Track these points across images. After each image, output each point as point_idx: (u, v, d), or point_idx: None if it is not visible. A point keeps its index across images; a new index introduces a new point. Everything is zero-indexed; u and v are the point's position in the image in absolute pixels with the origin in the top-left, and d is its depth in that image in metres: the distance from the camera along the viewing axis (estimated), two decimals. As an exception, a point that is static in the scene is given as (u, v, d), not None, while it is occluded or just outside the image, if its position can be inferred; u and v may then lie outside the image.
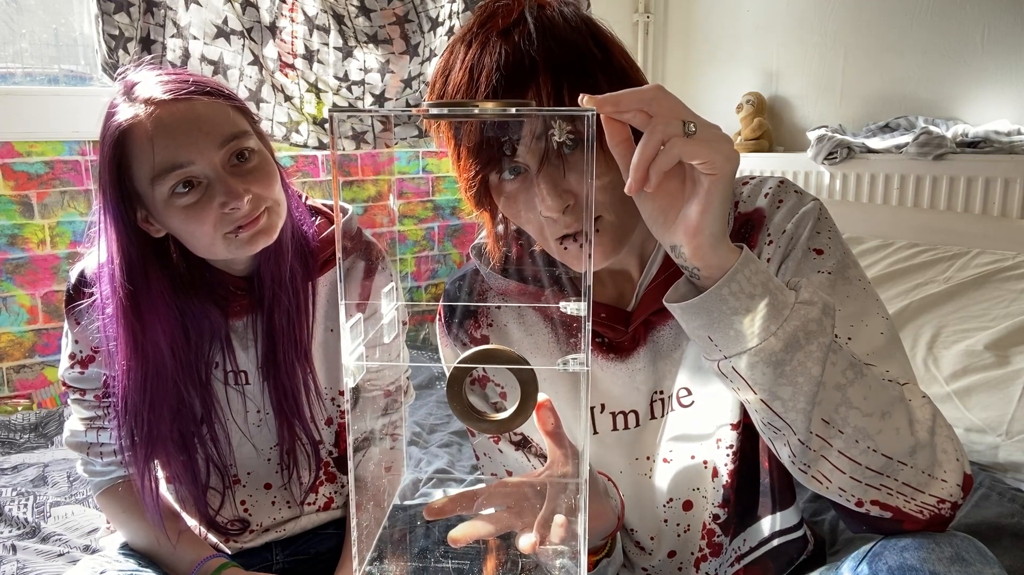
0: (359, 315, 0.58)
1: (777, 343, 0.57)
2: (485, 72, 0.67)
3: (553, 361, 0.85)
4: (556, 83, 0.66)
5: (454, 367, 0.57)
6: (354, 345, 0.57)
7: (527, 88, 0.66)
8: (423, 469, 1.62)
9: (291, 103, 2.26)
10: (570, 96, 0.66)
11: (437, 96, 0.72)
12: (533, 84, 0.66)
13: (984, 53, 1.93)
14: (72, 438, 1.03)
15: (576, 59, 0.68)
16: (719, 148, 0.55)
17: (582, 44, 0.68)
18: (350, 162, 2.56)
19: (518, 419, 0.58)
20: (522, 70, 0.66)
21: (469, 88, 0.68)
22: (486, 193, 0.73)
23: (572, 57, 0.67)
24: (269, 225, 0.92)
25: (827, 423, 0.60)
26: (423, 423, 1.85)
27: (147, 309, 0.91)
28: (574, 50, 0.68)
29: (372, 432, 0.81)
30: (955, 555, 0.59)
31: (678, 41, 2.87)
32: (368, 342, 0.60)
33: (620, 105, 0.56)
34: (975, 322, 1.60)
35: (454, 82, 0.69)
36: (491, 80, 0.66)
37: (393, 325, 0.69)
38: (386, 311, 0.68)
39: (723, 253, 0.58)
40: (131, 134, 0.87)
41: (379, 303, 0.68)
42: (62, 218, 2.08)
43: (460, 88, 0.68)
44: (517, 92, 0.66)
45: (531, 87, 0.66)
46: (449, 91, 0.70)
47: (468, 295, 0.90)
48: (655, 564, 0.90)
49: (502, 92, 0.66)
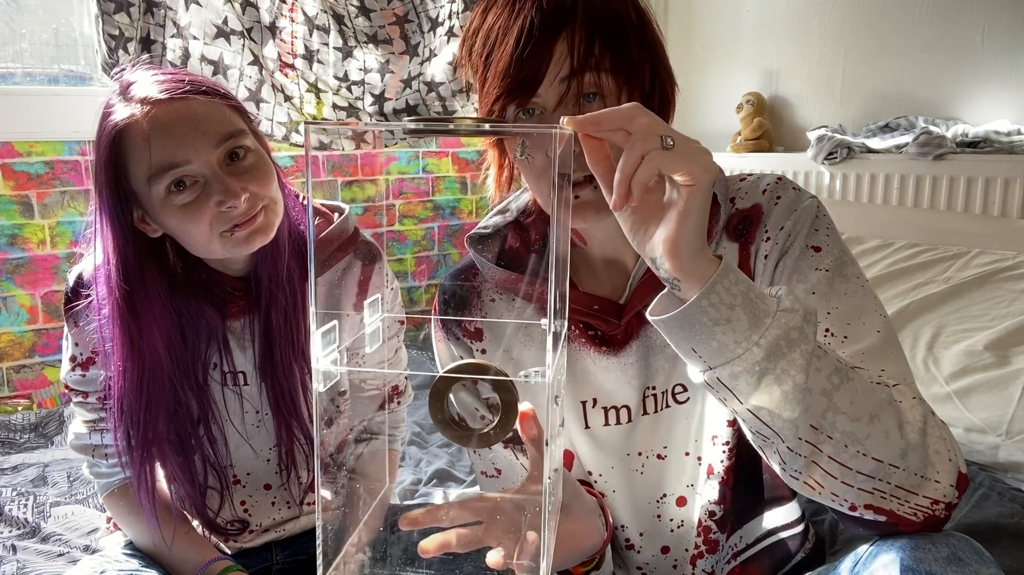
0: (334, 322, 0.58)
1: (759, 352, 0.57)
2: (526, 9, 0.69)
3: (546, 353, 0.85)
4: (590, 33, 0.68)
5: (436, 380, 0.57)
6: (327, 351, 0.57)
7: (561, 31, 0.68)
8: (423, 469, 1.62)
9: (291, 103, 2.26)
10: (600, 48, 0.68)
11: (473, 30, 0.74)
12: (568, 28, 0.68)
13: (984, 53, 1.93)
14: (77, 441, 1.03)
15: (614, 18, 0.70)
16: (697, 160, 0.56)
17: (622, 7, 0.71)
18: (350, 162, 2.56)
19: (500, 433, 0.58)
20: (561, 11, 0.68)
21: (508, 21, 0.70)
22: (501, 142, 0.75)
23: (611, 15, 0.70)
24: (266, 224, 0.92)
25: (815, 429, 0.60)
26: (423, 423, 1.85)
27: (143, 310, 0.91)
28: (613, 9, 0.70)
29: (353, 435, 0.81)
30: (951, 555, 0.59)
31: (678, 41, 2.86)
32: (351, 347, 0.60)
33: (600, 125, 0.56)
34: (975, 322, 1.60)
35: (491, 20, 0.71)
36: (528, 17, 0.68)
37: (377, 335, 0.69)
38: (369, 322, 0.68)
39: (702, 264, 0.58)
40: (127, 134, 0.87)
41: (364, 312, 0.68)
42: (62, 218, 2.09)
43: (498, 21, 0.71)
44: (552, 33, 0.68)
45: (565, 31, 0.68)
46: (486, 26, 0.72)
47: (463, 288, 0.90)
48: (648, 562, 0.90)
49: (537, 31, 0.68)
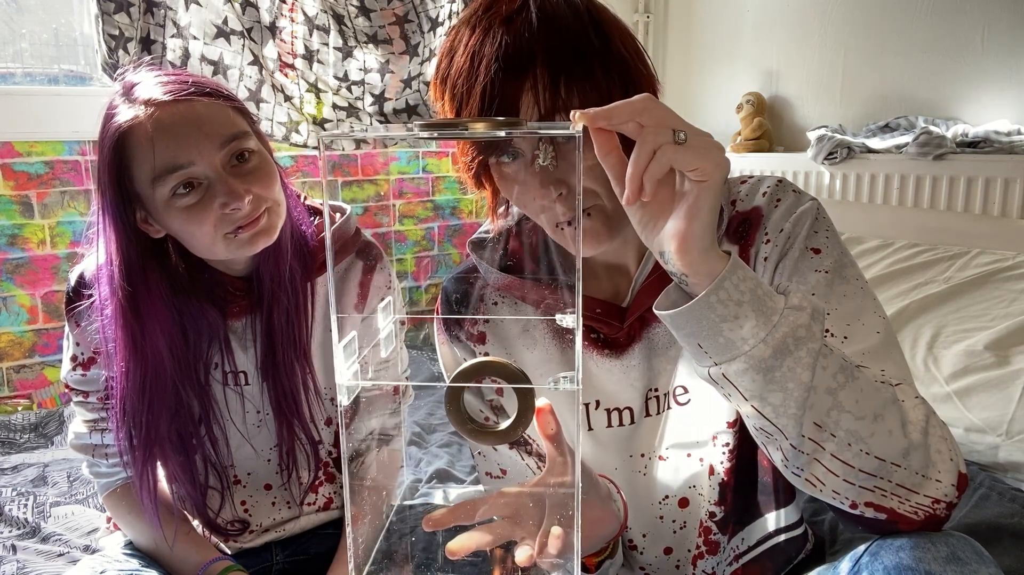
0: (353, 333, 0.58)
1: (766, 349, 0.57)
2: (485, 62, 0.69)
3: (550, 357, 0.85)
4: (554, 76, 0.68)
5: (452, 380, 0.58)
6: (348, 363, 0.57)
7: (525, 79, 0.68)
8: (423, 469, 1.62)
9: (291, 103, 2.26)
10: (566, 88, 0.68)
11: (441, 77, 0.74)
12: (531, 75, 0.68)
13: (984, 53, 1.93)
14: (77, 440, 1.03)
15: (575, 51, 0.69)
16: (709, 155, 0.56)
17: (582, 34, 0.70)
18: (350, 162, 2.56)
19: (517, 429, 0.59)
20: (521, 61, 0.68)
21: (470, 75, 0.70)
22: (485, 173, 0.75)
23: (571, 49, 0.69)
24: (269, 225, 0.92)
25: (819, 427, 0.60)
26: (423, 423, 1.85)
27: (146, 310, 0.91)
28: (573, 41, 0.69)
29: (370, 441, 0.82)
30: (951, 555, 0.59)
31: (678, 41, 2.87)
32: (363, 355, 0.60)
33: (612, 119, 0.56)
34: (975, 322, 1.60)
35: (457, 66, 0.71)
36: (490, 70, 0.68)
37: (391, 339, 0.69)
38: (383, 325, 0.68)
39: (711, 260, 0.58)
40: (131, 135, 0.87)
41: (375, 315, 0.68)
42: (62, 218, 2.09)
43: (461, 73, 0.71)
44: (515, 83, 0.68)
45: (528, 78, 0.68)
46: (452, 74, 0.72)
47: (466, 291, 0.90)
48: (651, 562, 0.90)
49: (499, 83, 0.68)
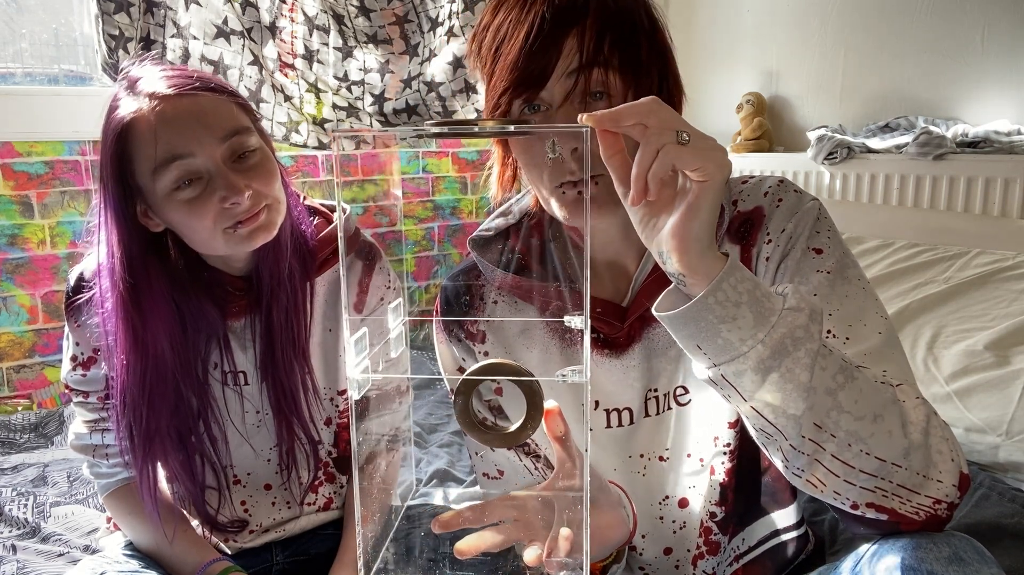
0: (364, 329, 0.58)
1: (764, 350, 0.57)
2: (536, 8, 0.69)
3: (549, 355, 0.85)
4: (600, 31, 0.69)
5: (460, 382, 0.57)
6: (359, 358, 0.57)
7: (572, 27, 0.69)
8: (423, 469, 1.62)
9: (291, 103, 2.26)
10: (610, 47, 0.69)
11: (484, 26, 0.75)
12: (579, 25, 0.69)
13: (984, 53, 1.93)
14: (77, 441, 1.03)
15: (626, 18, 0.71)
16: (711, 156, 0.56)
17: (635, 9, 0.72)
18: (350, 162, 2.56)
19: (527, 430, 0.59)
20: (573, 9, 0.69)
21: (520, 16, 0.70)
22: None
23: (623, 15, 0.71)
24: (268, 222, 0.92)
25: (819, 428, 0.60)
26: (423, 423, 1.85)
27: (147, 303, 0.91)
28: (626, 10, 0.71)
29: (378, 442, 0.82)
30: (953, 555, 0.59)
31: (678, 41, 2.84)
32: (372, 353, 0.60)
33: (619, 121, 0.56)
34: (975, 322, 1.60)
35: (506, 10, 0.72)
36: (541, 11, 0.69)
37: (400, 340, 0.69)
38: (393, 326, 0.68)
39: (709, 261, 0.58)
40: (134, 127, 0.87)
41: (384, 315, 0.68)
42: (62, 218, 2.09)
43: (511, 14, 0.71)
44: (561, 28, 0.69)
45: (576, 27, 0.69)
46: (499, 19, 0.73)
47: (466, 290, 0.90)
48: (651, 562, 0.90)
49: (547, 26, 0.69)
